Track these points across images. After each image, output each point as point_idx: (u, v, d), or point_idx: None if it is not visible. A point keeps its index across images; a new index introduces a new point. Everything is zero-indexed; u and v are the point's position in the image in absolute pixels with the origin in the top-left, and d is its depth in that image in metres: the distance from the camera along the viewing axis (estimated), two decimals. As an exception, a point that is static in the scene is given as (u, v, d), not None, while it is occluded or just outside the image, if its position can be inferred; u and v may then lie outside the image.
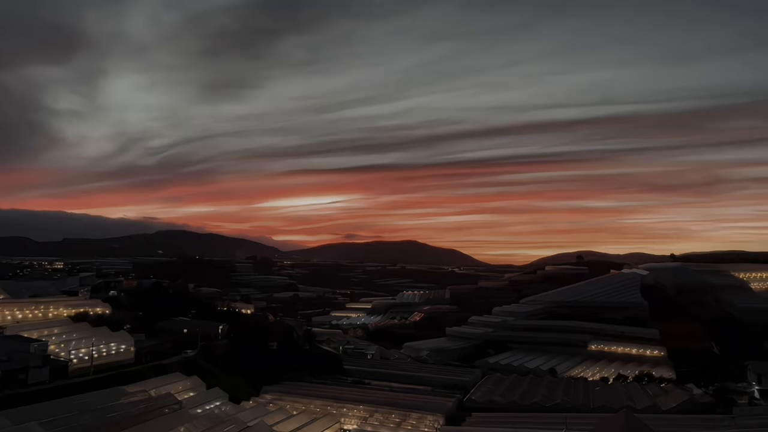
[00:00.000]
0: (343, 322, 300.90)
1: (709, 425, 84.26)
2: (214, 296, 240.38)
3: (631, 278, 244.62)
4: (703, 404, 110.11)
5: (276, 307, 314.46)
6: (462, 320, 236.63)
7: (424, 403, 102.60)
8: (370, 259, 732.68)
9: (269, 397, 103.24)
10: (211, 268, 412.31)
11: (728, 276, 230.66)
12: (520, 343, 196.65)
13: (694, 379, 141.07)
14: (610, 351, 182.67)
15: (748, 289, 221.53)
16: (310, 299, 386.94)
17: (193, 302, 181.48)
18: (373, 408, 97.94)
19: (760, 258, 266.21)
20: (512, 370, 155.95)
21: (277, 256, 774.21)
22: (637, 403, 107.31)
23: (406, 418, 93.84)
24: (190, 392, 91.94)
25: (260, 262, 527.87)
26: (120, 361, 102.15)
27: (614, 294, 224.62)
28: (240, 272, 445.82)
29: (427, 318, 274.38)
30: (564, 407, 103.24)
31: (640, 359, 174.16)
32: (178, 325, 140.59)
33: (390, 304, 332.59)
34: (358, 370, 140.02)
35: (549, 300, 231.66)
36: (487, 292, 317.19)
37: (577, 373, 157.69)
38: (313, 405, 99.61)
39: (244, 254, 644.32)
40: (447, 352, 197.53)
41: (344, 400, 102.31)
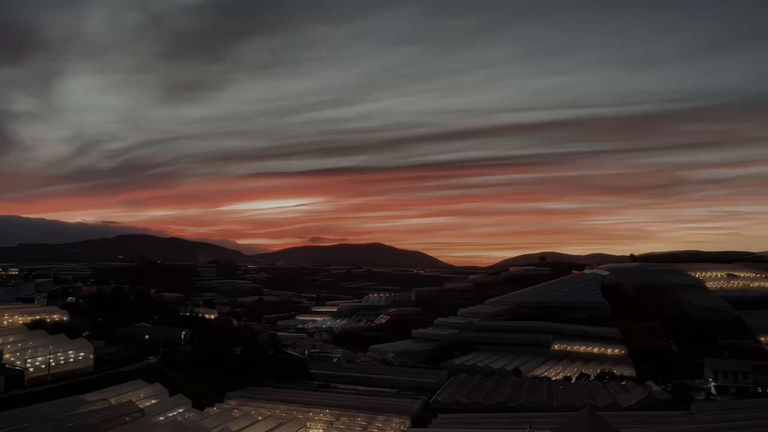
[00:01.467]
0: (308, 325, 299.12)
1: (668, 421, 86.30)
2: (177, 301, 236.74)
3: (592, 278, 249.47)
4: (661, 401, 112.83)
5: (240, 311, 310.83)
6: (428, 322, 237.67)
7: (390, 406, 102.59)
8: (336, 262, 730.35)
9: (234, 402, 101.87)
10: (173, 272, 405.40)
11: (685, 275, 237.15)
12: (485, 343, 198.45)
13: (654, 377, 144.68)
14: (572, 350, 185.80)
15: (704, 288, 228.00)
16: (275, 303, 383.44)
17: (155, 308, 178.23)
18: (339, 412, 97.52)
19: (715, 258, 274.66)
20: (477, 371, 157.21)
21: (240, 260, 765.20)
22: (599, 401, 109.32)
23: (373, 421, 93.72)
24: (152, 399, 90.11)
25: (224, 267, 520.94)
26: (79, 369, 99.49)
27: (576, 294, 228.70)
28: (203, 277, 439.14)
29: (392, 320, 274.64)
30: (528, 407, 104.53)
31: (602, 358, 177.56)
32: (139, 332, 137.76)
33: (356, 307, 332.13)
34: (323, 374, 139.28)
35: (513, 301, 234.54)
36: (452, 294, 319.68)
37: (541, 373, 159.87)
38: (278, 410, 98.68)
39: (206, 258, 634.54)
40: (413, 354, 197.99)
41: (310, 404, 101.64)
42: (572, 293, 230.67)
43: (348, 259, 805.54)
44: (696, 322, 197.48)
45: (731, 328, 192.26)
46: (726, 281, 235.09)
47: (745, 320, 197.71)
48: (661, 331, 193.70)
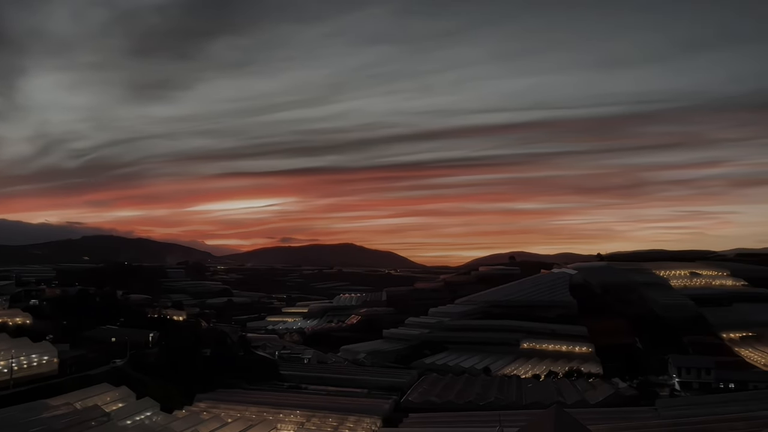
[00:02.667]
0: (279, 326, 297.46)
1: (633, 417, 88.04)
2: (144, 303, 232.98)
3: (560, 278, 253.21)
4: (627, 397, 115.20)
5: (209, 313, 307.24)
6: (399, 322, 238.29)
7: (361, 406, 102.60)
8: (306, 263, 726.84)
9: (203, 405, 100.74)
10: (141, 274, 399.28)
11: (650, 274, 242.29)
12: (456, 343, 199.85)
13: (620, 374, 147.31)
14: (541, 348, 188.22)
15: (668, 286, 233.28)
16: (245, 304, 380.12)
17: (122, 310, 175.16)
18: (310, 413, 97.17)
19: (678, 257, 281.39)
20: (448, 370, 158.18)
21: (210, 261, 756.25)
22: (567, 398, 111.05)
23: (344, 421, 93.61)
24: (119, 403, 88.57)
25: (192, 268, 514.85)
26: (42, 373, 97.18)
27: (545, 293, 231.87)
28: (171, 278, 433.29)
29: (364, 320, 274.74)
30: (498, 405, 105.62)
31: (570, 356, 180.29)
32: (105, 334, 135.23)
33: (327, 308, 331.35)
34: (294, 375, 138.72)
35: (483, 300, 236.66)
36: (423, 294, 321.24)
37: (511, 371, 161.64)
38: (248, 412, 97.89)
39: (175, 259, 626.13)
40: (384, 353, 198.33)
41: (280, 405, 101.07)
42: (541, 292, 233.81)
43: (319, 260, 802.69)
44: (660, 320, 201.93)
45: (694, 325, 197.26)
46: (689, 279, 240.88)
47: (707, 317, 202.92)
48: (627, 328, 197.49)
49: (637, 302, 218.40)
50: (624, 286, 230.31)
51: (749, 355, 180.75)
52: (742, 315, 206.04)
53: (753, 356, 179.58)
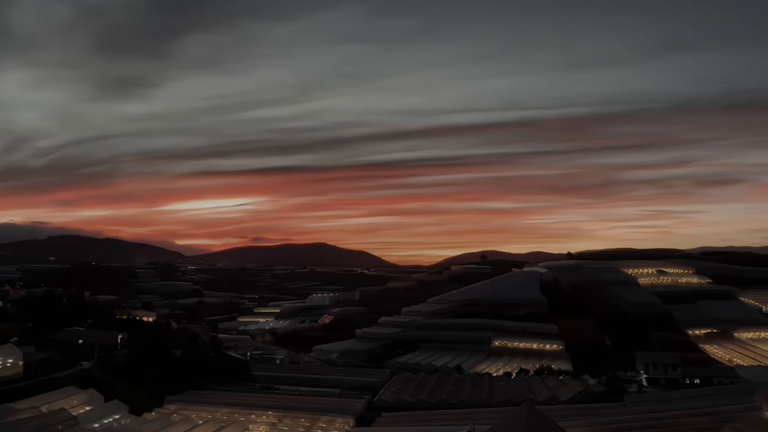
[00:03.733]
0: (250, 327, 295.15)
1: (602, 413, 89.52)
2: (113, 304, 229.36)
3: (531, 276, 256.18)
4: (597, 393, 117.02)
5: (180, 313, 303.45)
6: (372, 321, 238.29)
7: (334, 406, 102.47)
8: (279, 263, 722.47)
9: (173, 407, 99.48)
10: (109, 274, 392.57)
11: (619, 272, 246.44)
12: (428, 342, 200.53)
13: (590, 370, 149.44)
14: (512, 347, 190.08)
15: (636, 284, 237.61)
16: (216, 305, 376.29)
17: (89, 311, 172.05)
18: (282, 413, 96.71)
19: (646, 255, 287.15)
20: (420, 369, 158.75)
21: (180, 261, 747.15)
22: (538, 395, 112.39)
23: (316, 421, 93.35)
24: (86, 406, 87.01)
25: (162, 268, 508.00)
26: (6, 377, 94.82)
27: (516, 292, 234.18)
28: (140, 278, 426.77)
29: (336, 320, 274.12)
30: (470, 403, 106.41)
31: (541, 353, 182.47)
32: (72, 336, 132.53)
33: (299, 308, 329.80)
34: (266, 375, 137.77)
35: (455, 299, 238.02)
36: (396, 293, 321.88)
37: (482, 370, 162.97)
38: (219, 413, 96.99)
39: (144, 259, 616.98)
40: (356, 353, 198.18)
41: (252, 406, 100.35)
42: (512, 291, 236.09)
43: (291, 259, 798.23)
44: (629, 317, 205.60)
45: (661, 323, 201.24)
46: (656, 277, 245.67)
47: (673, 314, 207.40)
48: (597, 326, 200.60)
49: (606, 300, 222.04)
50: (593, 284, 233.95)
51: (713, 350, 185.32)
52: (707, 312, 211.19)
53: (717, 352, 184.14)
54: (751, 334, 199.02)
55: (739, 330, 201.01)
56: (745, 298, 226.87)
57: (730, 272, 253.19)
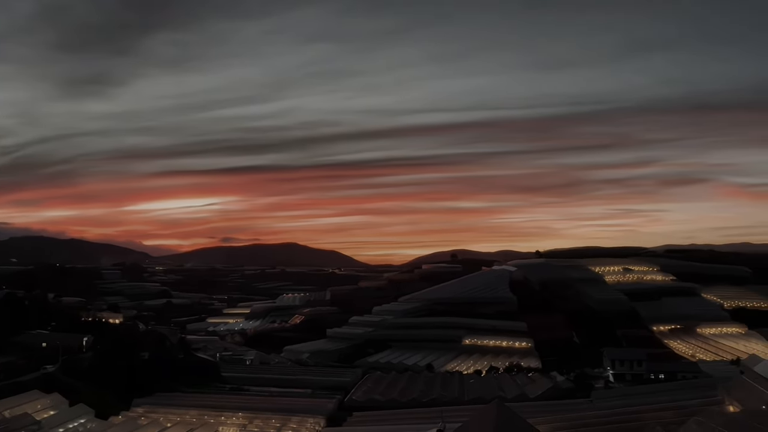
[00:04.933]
0: (220, 328, 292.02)
1: (571, 409, 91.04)
2: (78, 306, 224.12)
3: (501, 275, 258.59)
4: (565, 390, 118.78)
5: (147, 315, 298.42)
6: (343, 321, 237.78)
7: (305, 406, 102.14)
8: (248, 263, 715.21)
9: (141, 410, 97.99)
10: (74, 276, 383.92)
11: (586, 270, 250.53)
12: (399, 341, 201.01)
13: (558, 367, 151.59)
14: (482, 345, 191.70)
15: (603, 281, 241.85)
16: (185, 306, 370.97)
17: (53, 313, 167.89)
18: (253, 414, 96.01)
19: (612, 253, 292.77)
20: (392, 368, 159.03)
21: (147, 261, 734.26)
22: (508, 392, 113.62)
23: (287, 422, 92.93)
24: (51, 411, 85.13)
25: (129, 269, 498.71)
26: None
27: (486, 290, 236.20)
28: (106, 279, 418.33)
29: (307, 320, 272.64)
30: (441, 401, 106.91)
31: (510, 351, 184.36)
32: (35, 339, 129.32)
33: (269, 308, 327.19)
34: (236, 376, 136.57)
35: (426, 298, 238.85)
36: (367, 292, 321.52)
37: (453, 368, 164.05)
38: (188, 415, 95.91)
39: (110, 260, 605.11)
40: (328, 353, 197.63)
41: (222, 408, 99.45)
42: (482, 289, 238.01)
43: (261, 260, 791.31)
44: (596, 314, 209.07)
45: (627, 319, 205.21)
46: (622, 275, 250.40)
47: (639, 311, 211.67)
48: (565, 323, 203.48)
49: (573, 298, 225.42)
50: (561, 282, 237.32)
51: (677, 346, 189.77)
52: (671, 308, 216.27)
53: (681, 348, 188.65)
54: (713, 329, 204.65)
55: (702, 326, 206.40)
56: (708, 295, 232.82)
57: (693, 269, 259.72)
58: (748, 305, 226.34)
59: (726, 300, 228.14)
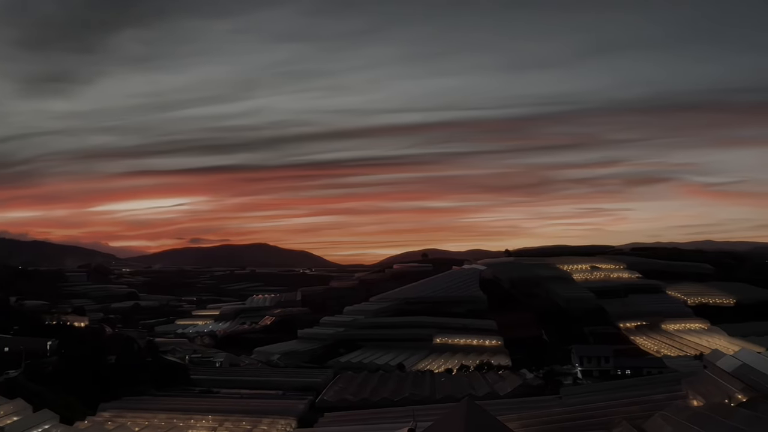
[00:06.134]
0: (189, 330, 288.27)
1: (540, 406, 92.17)
2: (42, 310, 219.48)
3: (470, 273, 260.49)
4: (534, 387, 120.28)
5: (114, 318, 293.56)
6: (314, 322, 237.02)
7: (276, 408, 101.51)
8: (218, 264, 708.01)
9: (107, 415, 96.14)
10: (37, 278, 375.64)
11: (554, 268, 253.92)
12: (371, 340, 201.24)
13: (527, 365, 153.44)
14: (453, 343, 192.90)
15: (571, 279, 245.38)
16: (153, 308, 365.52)
17: (16, 317, 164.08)
18: (223, 417, 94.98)
19: (580, 251, 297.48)
20: (363, 368, 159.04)
21: (114, 263, 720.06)
22: (478, 390, 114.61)
23: (258, 424, 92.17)
24: (13, 417, 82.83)
25: (95, 271, 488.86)
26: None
27: (456, 289, 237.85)
28: (71, 282, 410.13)
29: (278, 321, 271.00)
30: (412, 400, 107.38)
31: (481, 349, 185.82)
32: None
33: (239, 310, 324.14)
34: (206, 379, 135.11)
35: (397, 297, 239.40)
36: (339, 292, 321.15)
37: (424, 367, 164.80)
38: (157, 419, 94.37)
39: (75, 262, 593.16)
40: (299, 354, 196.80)
41: (191, 411, 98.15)
42: (452, 288, 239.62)
43: (231, 260, 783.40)
44: (564, 312, 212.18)
45: (594, 316, 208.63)
46: (590, 273, 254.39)
47: (606, 308, 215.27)
48: (534, 321, 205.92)
49: (542, 296, 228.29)
50: (530, 280, 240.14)
51: (643, 342, 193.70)
52: (637, 305, 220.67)
53: (646, 344, 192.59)
54: (677, 325, 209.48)
55: (666, 322, 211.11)
56: (672, 292, 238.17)
57: (658, 267, 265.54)
58: (710, 301, 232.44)
59: (689, 296, 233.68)
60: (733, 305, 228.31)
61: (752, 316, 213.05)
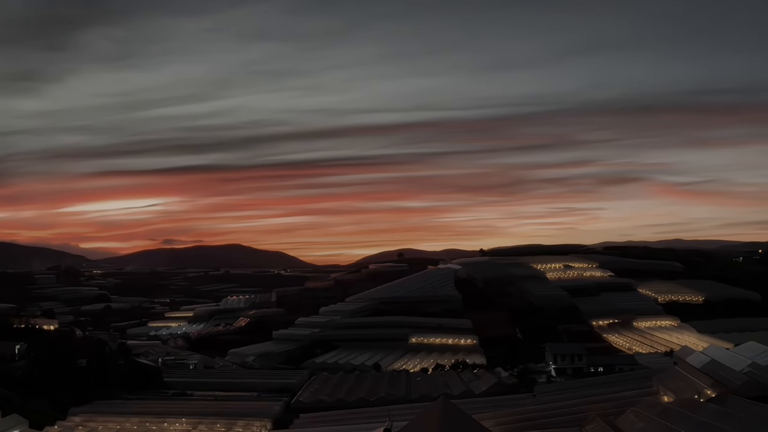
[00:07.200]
0: (162, 332, 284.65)
1: (514, 404, 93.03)
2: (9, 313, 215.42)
3: (446, 273, 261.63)
4: (509, 385, 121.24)
5: (85, 320, 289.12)
6: (289, 323, 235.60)
7: (251, 410, 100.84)
8: (191, 265, 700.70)
9: (78, 419, 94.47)
10: (4, 280, 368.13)
11: (528, 267, 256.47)
12: (347, 341, 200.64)
13: (502, 363, 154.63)
14: (429, 342, 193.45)
15: (545, 278, 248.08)
16: (125, 310, 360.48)
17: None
18: (197, 420, 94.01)
19: (553, 250, 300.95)
20: (339, 368, 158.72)
21: (84, 265, 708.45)
22: (454, 389, 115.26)
23: (232, 426, 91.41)
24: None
25: (65, 273, 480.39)
26: None
27: (432, 288, 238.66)
28: (40, 284, 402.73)
29: (253, 323, 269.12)
30: (388, 400, 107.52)
31: (456, 348, 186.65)
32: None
33: (213, 311, 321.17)
34: (180, 381, 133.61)
35: (372, 297, 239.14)
36: (314, 293, 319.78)
37: (400, 366, 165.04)
38: (129, 423, 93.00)
39: (44, 264, 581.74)
40: (274, 355, 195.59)
41: (164, 414, 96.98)
42: (428, 288, 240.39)
43: (204, 262, 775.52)
44: (538, 310, 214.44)
45: (568, 315, 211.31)
46: (563, 272, 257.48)
47: (579, 306, 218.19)
48: (508, 319, 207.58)
49: (516, 294, 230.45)
50: (505, 279, 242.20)
51: (615, 340, 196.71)
52: (609, 303, 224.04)
53: (618, 341, 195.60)
54: (648, 323, 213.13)
55: (638, 320, 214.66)
56: (643, 290, 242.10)
57: (630, 265, 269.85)
58: (680, 299, 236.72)
59: (660, 294, 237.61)
60: (702, 302, 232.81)
61: (720, 313, 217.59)
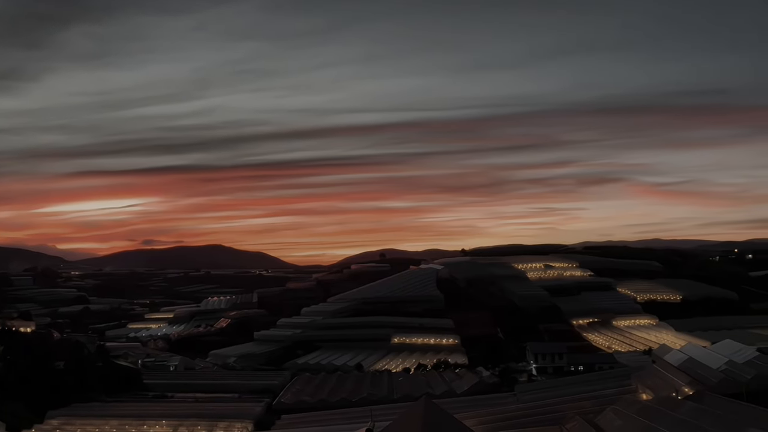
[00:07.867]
0: (141, 334, 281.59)
1: (496, 403, 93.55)
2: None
3: (427, 273, 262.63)
4: (491, 384, 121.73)
5: (62, 322, 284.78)
6: (271, 323, 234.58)
7: (232, 411, 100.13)
8: (171, 266, 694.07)
9: (56, 422, 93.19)
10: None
11: (509, 267, 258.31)
12: (329, 341, 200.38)
13: (484, 363, 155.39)
14: (411, 342, 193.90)
15: (525, 278, 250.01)
16: (104, 312, 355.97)
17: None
18: (177, 422, 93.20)
19: (534, 250, 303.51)
20: (321, 369, 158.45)
21: (62, 266, 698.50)
22: (435, 389, 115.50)
23: (213, 428, 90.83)
24: (-45, 427, 79.78)
25: (42, 274, 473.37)
26: None
27: (414, 288, 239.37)
28: (16, 286, 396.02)
29: (234, 324, 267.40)
30: (370, 400, 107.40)
31: (438, 348, 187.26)
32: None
33: (194, 312, 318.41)
34: (160, 383, 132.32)
35: (354, 297, 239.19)
36: (296, 294, 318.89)
37: (382, 366, 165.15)
38: (108, 426, 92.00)
39: (21, 265, 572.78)
40: (255, 356, 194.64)
41: (144, 416, 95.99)
42: (410, 288, 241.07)
43: (185, 262, 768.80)
44: (519, 310, 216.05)
45: (548, 314, 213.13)
46: (543, 271, 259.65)
47: (559, 306, 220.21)
48: (489, 319, 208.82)
49: (497, 294, 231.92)
50: (486, 279, 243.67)
51: (595, 339, 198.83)
52: (589, 303, 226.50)
53: (598, 340, 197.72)
54: (627, 322, 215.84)
55: (617, 318, 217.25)
56: (622, 289, 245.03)
57: (609, 265, 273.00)
58: (659, 298, 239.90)
59: (638, 293, 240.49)
60: (680, 301, 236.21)
61: (698, 311, 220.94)
